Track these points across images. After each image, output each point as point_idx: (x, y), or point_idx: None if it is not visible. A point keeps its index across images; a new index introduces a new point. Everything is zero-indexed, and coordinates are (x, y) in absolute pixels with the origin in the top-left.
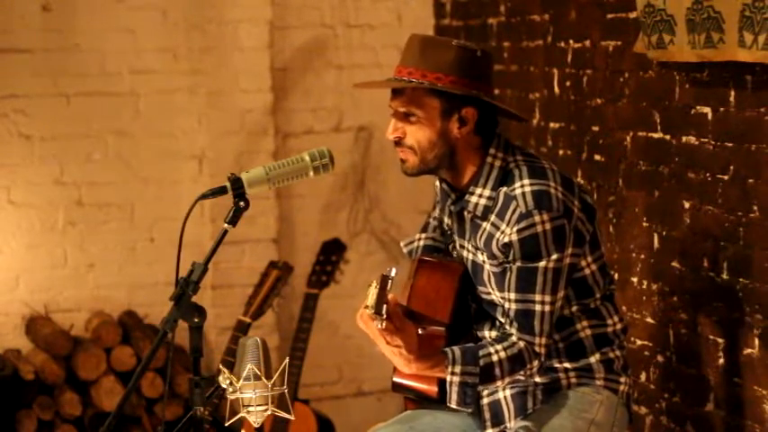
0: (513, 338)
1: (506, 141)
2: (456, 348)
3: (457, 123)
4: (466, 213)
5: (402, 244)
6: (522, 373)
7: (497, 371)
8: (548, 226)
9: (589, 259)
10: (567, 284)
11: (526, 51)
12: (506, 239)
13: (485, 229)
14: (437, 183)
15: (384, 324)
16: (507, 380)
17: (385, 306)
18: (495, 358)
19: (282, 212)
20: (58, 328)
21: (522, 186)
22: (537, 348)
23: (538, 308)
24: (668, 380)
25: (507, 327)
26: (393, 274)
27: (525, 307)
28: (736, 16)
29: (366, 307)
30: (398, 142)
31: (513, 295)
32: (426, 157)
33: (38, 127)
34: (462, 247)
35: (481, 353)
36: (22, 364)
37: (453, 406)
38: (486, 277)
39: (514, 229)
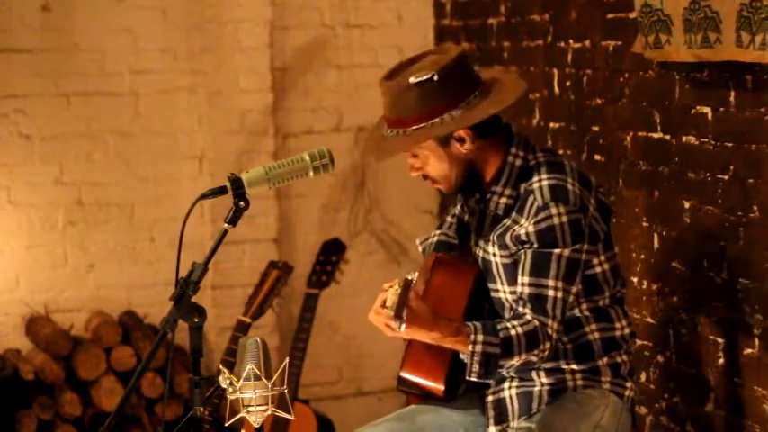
0: (528, 317)
1: (526, 140)
2: (475, 322)
3: (458, 144)
4: (488, 212)
5: (418, 242)
6: (535, 353)
7: (516, 345)
8: (564, 219)
9: (602, 258)
10: (580, 280)
11: (526, 51)
12: (523, 231)
13: (504, 224)
14: None
15: (403, 328)
16: (523, 357)
17: (405, 310)
18: (512, 332)
19: (282, 212)
20: (58, 328)
21: (540, 180)
22: (549, 331)
23: (551, 293)
24: (668, 380)
25: (521, 308)
26: (415, 278)
27: (538, 291)
28: (734, 16)
29: (385, 308)
30: (425, 177)
31: (526, 279)
32: (451, 180)
33: (38, 127)
34: (476, 244)
35: (499, 326)
36: (22, 364)
37: (474, 378)
38: (495, 272)
39: (531, 221)
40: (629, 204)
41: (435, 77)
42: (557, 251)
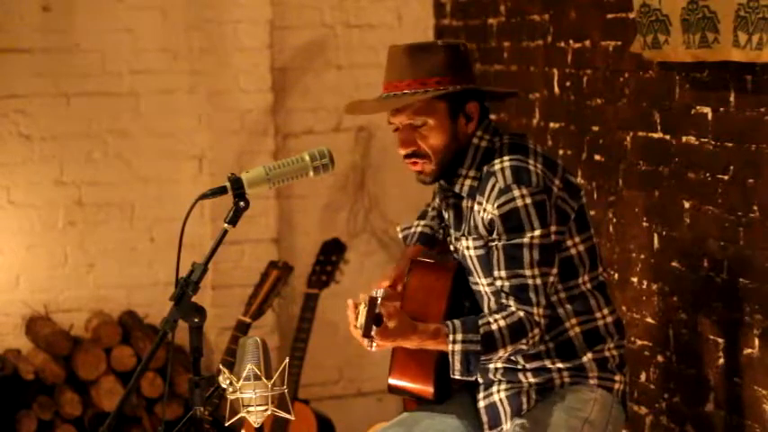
0: (512, 309)
1: (495, 127)
2: (455, 320)
3: (464, 120)
4: (464, 204)
5: (399, 228)
6: (524, 342)
7: (498, 338)
8: (528, 200)
9: (576, 239)
10: (557, 263)
11: (526, 51)
12: (487, 216)
13: (473, 210)
14: None
15: (374, 346)
16: (510, 349)
17: (374, 328)
18: (494, 326)
19: (282, 212)
20: (58, 328)
21: (502, 162)
22: (536, 318)
23: (530, 281)
24: (668, 380)
25: (504, 300)
26: (380, 294)
27: (518, 282)
28: (731, 16)
29: (356, 327)
30: (412, 154)
31: (503, 273)
32: (443, 160)
33: (38, 127)
34: (457, 239)
35: (481, 321)
36: (22, 364)
37: (457, 376)
38: (471, 265)
39: (495, 204)
40: (629, 204)
41: (462, 47)
42: (526, 239)
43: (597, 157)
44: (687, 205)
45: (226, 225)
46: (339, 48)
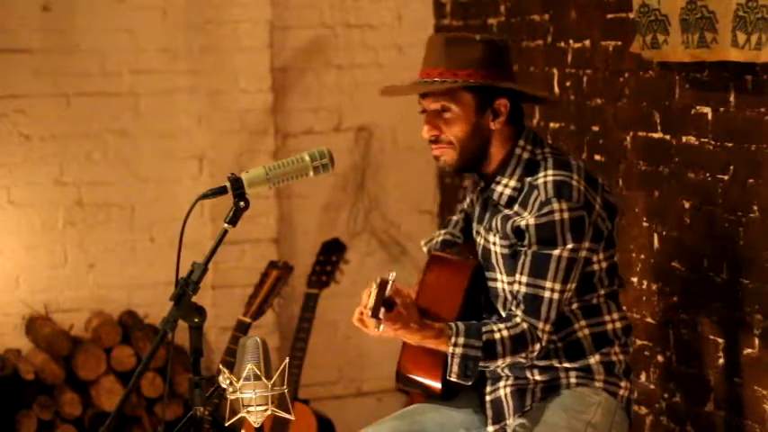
0: (518, 319)
1: (535, 135)
2: (460, 323)
3: (491, 116)
4: (491, 200)
5: (422, 242)
6: (523, 355)
7: (499, 348)
8: (566, 215)
9: (600, 256)
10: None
11: (526, 51)
12: (523, 223)
13: (505, 214)
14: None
15: (381, 328)
16: (509, 359)
17: (382, 309)
18: (497, 336)
19: (282, 212)
20: (58, 328)
21: (546, 176)
22: (539, 333)
23: (547, 294)
24: (668, 380)
25: (513, 308)
26: (392, 277)
27: (534, 292)
28: (730, 16)
29: (365, 307)
30: (435, 140)
31: (524, 278)
32: (465, 150)
33: (38, 127)
34: (478, 233)
35: (484, 329)
36: (22, 364)
37: (453, 378)
38: (494, 261)
39: (533, 215)
40: (629, 204)
41: (501, 44)
42: (556, 252)
43: (597, 157)
44: (687, 205)
45: (226, 225)
46: (339, 48)
